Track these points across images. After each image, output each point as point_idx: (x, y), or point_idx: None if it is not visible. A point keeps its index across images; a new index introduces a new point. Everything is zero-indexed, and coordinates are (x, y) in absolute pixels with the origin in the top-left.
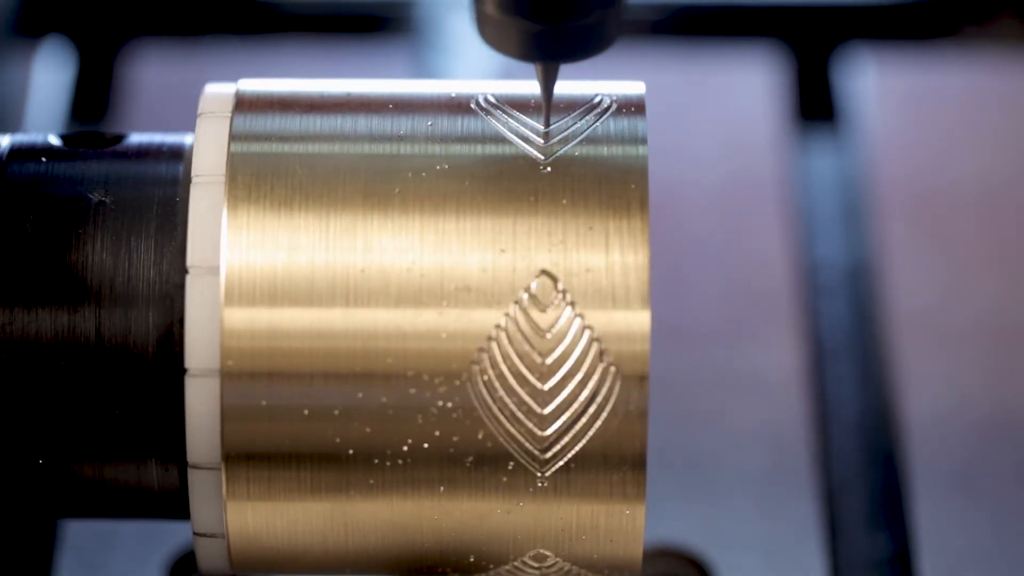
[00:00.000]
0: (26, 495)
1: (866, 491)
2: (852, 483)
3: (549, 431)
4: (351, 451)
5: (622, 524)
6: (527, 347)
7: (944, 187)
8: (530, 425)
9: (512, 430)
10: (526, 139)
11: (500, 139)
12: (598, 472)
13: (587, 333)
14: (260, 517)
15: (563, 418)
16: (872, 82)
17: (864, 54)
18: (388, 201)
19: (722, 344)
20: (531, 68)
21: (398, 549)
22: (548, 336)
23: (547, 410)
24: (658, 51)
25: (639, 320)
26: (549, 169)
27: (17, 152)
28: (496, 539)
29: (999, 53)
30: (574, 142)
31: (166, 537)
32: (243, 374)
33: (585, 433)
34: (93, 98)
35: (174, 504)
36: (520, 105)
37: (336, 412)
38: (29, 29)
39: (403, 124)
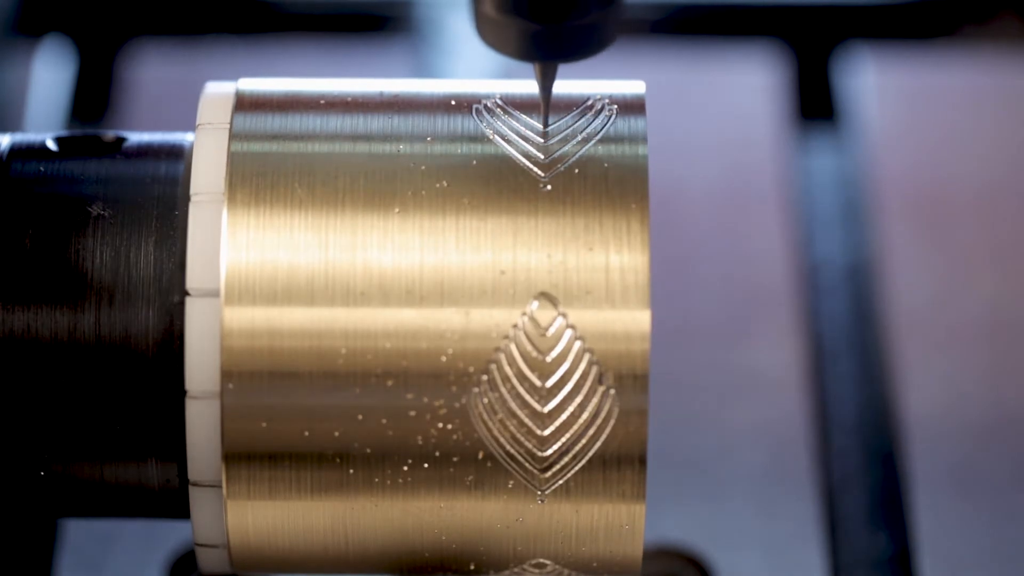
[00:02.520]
0: (26, 495)
1: (866, 490)
2: (852, 482)
3: (549, 451)
4: (351, 470)
5: (622, 524)
6: (527, 370)
7: (944, 186)
8: (530, 446)
9: (512, 451)
10: (526, 154)
11: (500, 152)
12: (598, 476)
13: (587, 356)
14: (260, 517)
15: (563, 439)
16: (872, 82)
17: (864, 54)
18: (387, 218)
19: (722, 344)
20: (531, 67)
21: (398, 551)
22: (548, 359)
23: (547, 432)
24: (658, 51)
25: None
26: (549, 187)
27: (17, 152)
28: (496, 550)
29: (999, 53)
30: (573, 141)
31: (166, 537)
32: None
33: (585, 454)
34: (93, 98)
35: (174, 504)
36: (520, 108)
37: (336, 433)
38: (29, 29)
39: (403, 125)
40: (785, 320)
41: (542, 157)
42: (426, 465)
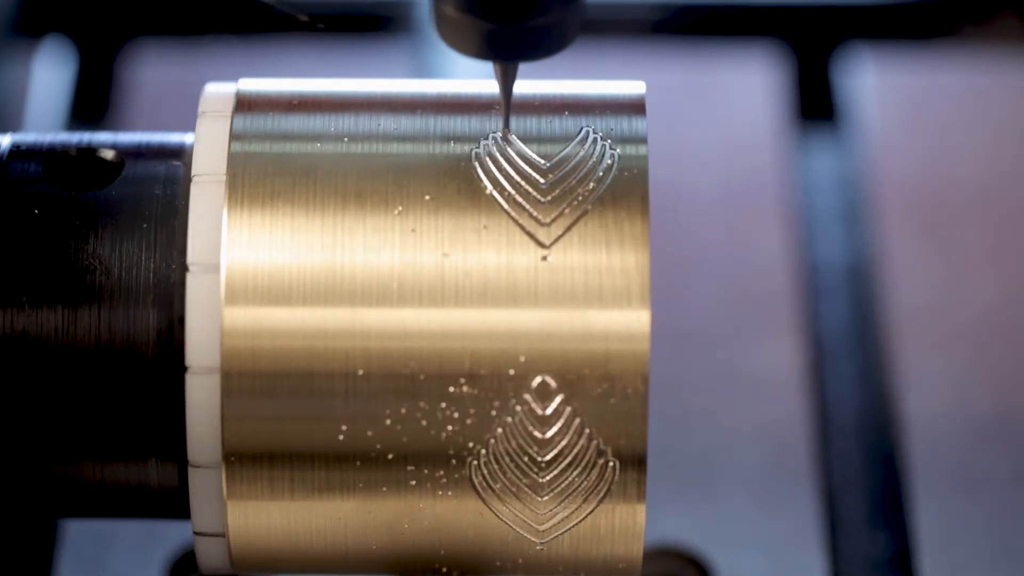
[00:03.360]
0: (26, 495)
1: (866, 491)
2: (852, 483)
3: (546, 513)
4: (349, 546)
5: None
6: (526, 444)
7: (944, 187)
8: (529, 511)
9: (512, 513)
10: (527, 215)
11: (500, 218)
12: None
13: (587, 432)
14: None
15: (561, 507)
16: (872, 82)
17: (864, 54)
18: (387, 292)
19: (722, 344)
20: (532, 65)
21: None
22: (547, 435)
23: (545, 498)
24: (658, 51)
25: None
26: (551, 259)
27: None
28: (497, 573)
29: (999, 53)
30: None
31: (166, 537)
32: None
33: (583, 518)
34: (93, 98)
35: (174, 504)
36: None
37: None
38: (29, 29)
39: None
40: (785, 321)
41: (541, 221)
42: (426, 523)
